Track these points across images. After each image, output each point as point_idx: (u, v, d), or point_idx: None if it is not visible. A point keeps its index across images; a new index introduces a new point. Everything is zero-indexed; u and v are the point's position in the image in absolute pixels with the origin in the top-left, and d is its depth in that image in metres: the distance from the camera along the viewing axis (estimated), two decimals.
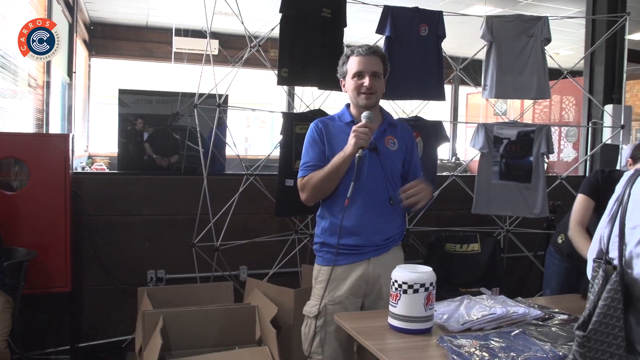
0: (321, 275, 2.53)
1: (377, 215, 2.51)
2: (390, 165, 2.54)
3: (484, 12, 8.02)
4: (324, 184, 2.45)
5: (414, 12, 4.11)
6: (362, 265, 2.51)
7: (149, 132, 4.30)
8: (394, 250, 2.61)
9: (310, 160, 2.51)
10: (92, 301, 3.85)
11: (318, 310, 2.49)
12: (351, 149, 2.35)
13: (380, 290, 2.56)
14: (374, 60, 2.51)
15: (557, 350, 1.97)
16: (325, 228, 2.55)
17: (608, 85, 4.97)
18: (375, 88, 2.51)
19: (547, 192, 4.24)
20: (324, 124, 2.58)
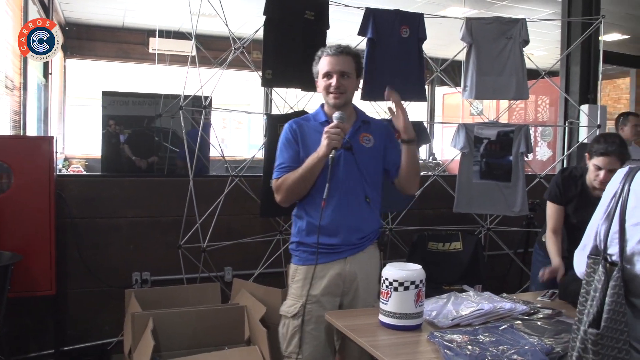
0: (298, 274, 2.55)
1: (353, 214, 2.52)
2: (366, 163, 2.55)
3: (461, 13, 8.15)
4: (299, 185, 2.46)
5: (395, 14, 4.16)
6: (339, 263, 2.52)
7: (128, 133, 4.29)
8: (370, 249, 2.62)
9: (284, 162, 2.51)
10: (77, 304, 3.82)
11: (297, 310, 2.49)
12: (324, 150, 2.36)
13: (357, 289, 2.57)
14: (343, 60, 2.52)
15: (544, 343, 2.03)
16: (302, 228, 2.55)
17: (584, 86, 5.09)
18: (344, 87, 2.51)
19: (526, 191, 4.33)
20: (298, 124, 2.58)
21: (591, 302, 1.40)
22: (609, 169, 2.90)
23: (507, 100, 4.81)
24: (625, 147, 2.96)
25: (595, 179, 2.98)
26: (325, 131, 2.37)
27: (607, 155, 2.88)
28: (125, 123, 4.30)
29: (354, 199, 2.52)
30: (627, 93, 11.00)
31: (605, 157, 2.89)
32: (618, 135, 3.00)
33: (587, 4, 5.07)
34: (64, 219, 3.71)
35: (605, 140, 2.90)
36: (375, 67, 4.09)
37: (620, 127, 5.09)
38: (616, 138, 2.93)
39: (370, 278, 2.63)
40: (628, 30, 9.41)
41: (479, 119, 4.72)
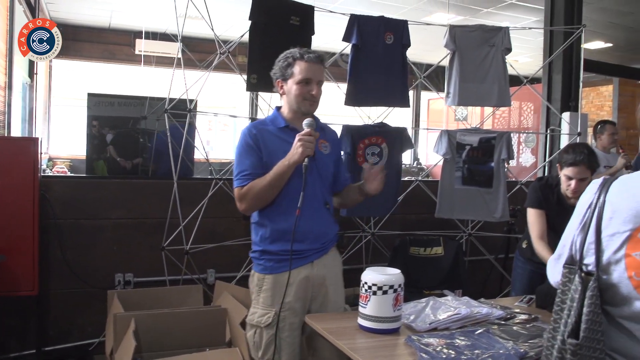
0: (266, 283, 2.49)
1: (316, 219, 2.51)
2: (325, 170, 2.57)
3: (446, 19, 8.21)
4: (267, 192, 2.41)
5: (380, 21, 4.21)
6: (306, 268, 2.52)
7: (113, 134, 4.30)
8: (332, 251, 2.64)
9: (247, 169, 2.44)
10: (59, 305, 3.83)
11: (271, 319, 2.46)
12: (297, 158, 2.33)
13: (327, 293, 2.58)
14: (321, 69, 2.52)
15: (518, 347, 2.08)
16: (265, 236, 2.50)
17: (565, 93, 5.17)
18: (319, 96, 2.51)
19: (507, 197, 4.39)
20: (257, 129, 2.51)
21: (568, 312, 1.41)
22: (580, 178, 2.97)
23: (489, 107, 4.88)
24: (594, 155, 3.01)
25: (568, 188, 3.04)
26: (299, 138, 2.34)
27: (577, 165, 2.94)
28: (111, 124, 4.32)
29: (317, 204, 2.52)
30: (610, 100, 11.15)
31: (574, 167, 2.95)
32: (586, 145, 3.06)
33: (569, 13, 5.15)
34: (48, 220, 3.72)
35: (574, 150, 2.97)
36: (360, 73, 4.13)
37: (597, 135, 5.17)
38: (584, 148, 3.00)
39: (337, 281, 2.66)
40: (611, 38, 9.56)
41: (464, 125, 4.78)
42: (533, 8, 7.90)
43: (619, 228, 1.38)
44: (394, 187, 4.30)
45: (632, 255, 1.35)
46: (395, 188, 4.33)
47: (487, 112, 8.11)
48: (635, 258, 1.35)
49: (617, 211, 1.39)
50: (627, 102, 10.89)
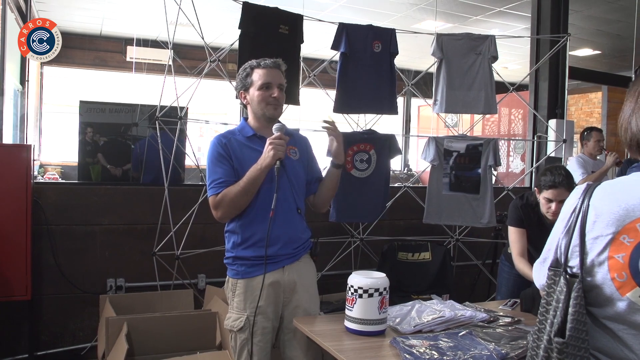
0: (239, 288, 2.52)
1: (287, 224, 2.54)
2: (295, 175, 2.59)
3: (434, 27, 8.30)
4: (241, 198, 2.44)
5: (368, 29, 4.28)
6: (277, 273, 2.53)
7: (102, 142, 4.35)
8: (305, 258, 2.65)
9: (220, 177, 2.47)
10: (51, 309, 3.86)
11: (242, 323, 2.49)
12: (269, 161, 2.38)
13: (299, 300, 2.58)
14: (279, 74, 2.58)
15: (500, 349, 2.14)
16: (236, 242, 2.53)
17: (552, 101, 5.25)
18: (281, 99, 2.57)
19: (494, 203, 4.46)
20: (226, 138, 2.55)
21: (554, 313, 1.45)
22: (559, 200, 3.00)
23: (476, 114, 4.96)
24: (572, 177, 3.04)
25: (548, 211, 3.07)
26: (269, 142, 2.39)
27: (556, 188, 2.97)
28: (102, 131, 4.37)
29: (287, 209, 2.54)
30: (600, 107, 11.28)
31: (554, 189, 2.98)
32: (563, 167, 3.09)
33: (555, 22, 5.24)
34: (40, 226, 3.76)
35: (552, 173, 2.98)
36: (348, 81, 4.20)
37: (584, 142, 5.25)
38: (562, 170, 3.01)
39: (309, 287, 2.66)
40: (599, 45, 9.69)
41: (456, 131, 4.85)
42: (521, 16, 8.00)
43: (602, 231, 1.42)
44: (382, 193, 4.37)
45: (615, 257, 1.40)
46: (384, 194, 4.39)
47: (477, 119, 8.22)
48: (618, 260, 1.39)
49: (600, 215, 1.44)
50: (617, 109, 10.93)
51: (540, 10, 5.35)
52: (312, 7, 4.67)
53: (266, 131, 2.54)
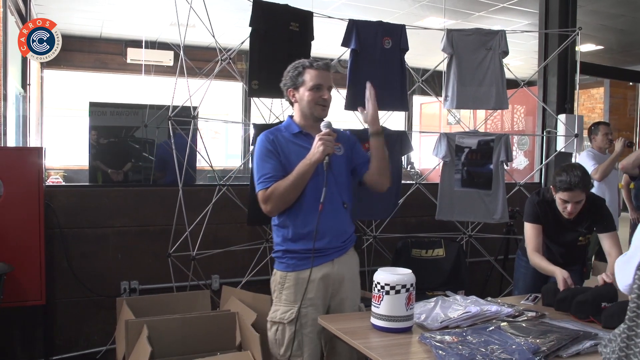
0: (288, 281, 2.60)
1: (335, 218, 2.63)
2: (339, 171, 2.67)
3: (439, 23, 8.30)
4: (290, 192, 2.53)
5: (378, 25, 4.26)
6: (327, 266, 2.62)
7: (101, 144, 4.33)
8: (351, 251, 2.76)
9: (269, 172, 2.55)
10: (65, 314, 3.82)
11: (293, 315, 2.55)
12: (319, 156, 2.47)
13: (345, 291, 2.68)
14: (329, 76, 2.67)
15: (530, 343, 2.12)
16: (287, 236, 2.62)
17: (561, 96, 5.23)
18: (330, 101, 2.67)
19: (506, 198, 4.44)
20: (274, 135, 2.65)
21: None
22: (575, 201, 2.99)
23: (487, 110, 4.94)
24: (588, 176, 3.00)
25: (564, 210, 3.06)
26: (319, 138, 2.48)
27: (571, 190, 2.95)
28: (107, 134, 4.35)
29: (334, 204, 2.62)
30: (601, 103, 11.28)
31: (569, 192, 2.96)
32: (579, 166, 3.03)
33: (563, 17, 5.21)
34: (53, 229, 3.72)
35: (567, 174, 2.95)
36: (359, 78, 4.17)
37: (592, 136, 5.24)
38: (577, 170, 2.96)
39: (355, 279, 2.77)
40: (602, 41, 9.68)
41: (456, 128, 4.83)
42: (525, 11, 8.00)
43: None
44: (394, 190, 4.34)
45: None
46: (396, 191, 4.37)
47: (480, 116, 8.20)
48: None
49: None
50: (618, 104, 11.03)
51: (548, 5, 5.33)
52: (316, 5, 4.63)
53: (312, 129, 2.65)
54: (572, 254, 3.31)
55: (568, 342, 2.13)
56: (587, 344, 2.14)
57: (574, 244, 3.25)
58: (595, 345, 2.13)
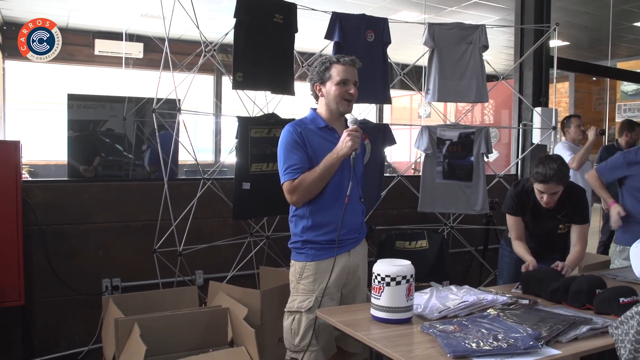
0: (307, 270, 2.66)
1: (354, 211, 2.72)
2: (359, 166, 2.73)
3: (411, 18, 8.34)
4: (317, 184, 2.58)
5: (361, 19, 4.25)
6: (344, 257, 2.70)
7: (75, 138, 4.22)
8: (363, 242, 2.88)
9: (296, 163, 2.60)
10: (45, 314, 3.71)
11: (312, 304, 2.62)
12: (346, 151, 2.52)
13: (359, 279, 2.80)
14: (355, 71, 2.73)
15: (531, 329, 2.14)
16: (307, 227, 2.66)
17: (536, 90, 5.31)
18: (356, 96, 2.72)
19: (487, 190, 4.48)
20: (301, 127, 2.68)
21: None
22: (551, 192, 3.04)
23: (467, 103, 4.98)
24: (566, 168, 3.04)
25: (541, 200, 3.12)
26: (348, 133, 2.54)
27: (546, 183, 3.00)
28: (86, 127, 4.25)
29: (353, 197, 2.67)
30: (567, 97, 11.50)
31: (544, 184, 3.01)
32: (557, 158, 3.06)
33: (538, 12, 5.30)
34: (31, 226, 3.61)
35: (544, 166, 2.99)
36: None
37: (565, 129, 5.34)
38: (554, 162, 2.99)
39: (365, 269, 2.88)
40: (568, 37, 9.86)
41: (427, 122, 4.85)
42: (496, 7, 8.09)
43: None
44: (377, 183, 4.35)
45: None
46: (379, 184, 4.37)
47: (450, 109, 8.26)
48: None
49: None
50: (583, 99, 11.26)
51: (524, 0, 5.40)
52: None
53: (337, 124, 2.72)
54: (553, 242, 3.36)
55: (566, 327, 2.16)
56: (583, 329, 2.18)
57: (554, 232, 3.30)
58: (591, 330, 2.18)
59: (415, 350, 2.00)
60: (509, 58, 10.43)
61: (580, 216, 3.26)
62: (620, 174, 3.84)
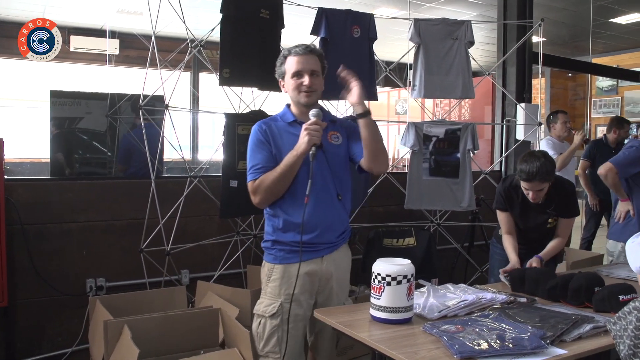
0: (275, 273, 2.53)
1: (328, 211, 2.54)
2: (336, 161, 2.57)
3: (389, 14, 8.33)
4: (278, 184, 2.44)
5: (347, 14, 4.21)
6: (316, 262, 2.54)
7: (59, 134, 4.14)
8: (344, 248, 2.69)
9: (259, 163, 2.49)
10: (27, 315, 3.61)
11: (275, 309, 2.49)
12: (304, 147, 2.36)
13: (332, 289, 2.60)
14: (312, 59, 2.55)
15: (535, 328, 2.12)
16: (277, 226, 2.53)
17: (519, 86, 5.33)
18: (315, 86, 2.55)
19: (473, 186, 4.49)
20: (267, 125, 2.57)
21: None
22: (535, 190, 3.05)
23: (454, 99, 4.98)
24: (550, 165, 3.01)
25: (527, 195, 3.13)
26: (304, 128, 2.38)
27: (529, 181, 3.00)
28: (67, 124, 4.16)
29: (328, 196, 2.54)
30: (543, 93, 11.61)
31: (527, 182, 3.02)
32: (542, 155, 3.03)
33: (521, 9, 5.32)
34: (13, 226, 3.50)
35: (528, 164, 2.97)
36: (329, 67, 4.10)
37: (551, 125, 5.36)
38: (537, 160, 2.96)
39: (344, 277, 2.69)
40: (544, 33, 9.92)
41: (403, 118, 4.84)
42: (474, 3, 8.12)
43: None
44: (363, 180, 4.33)
45: None
46: (365, 181, 4.35)
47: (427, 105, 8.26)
48: None
49: None
50: (559, 94, 11.39)
51: None
52: None
53: (306, 117, 2.49)
54: (544, 237, 3.37)
55: (569, 326, 2.16)
56: (587, 327, 2.17)
57: (543, 226, 3.31)
58: (594, 329, 2.17)
59: (420, 351, 1.98)
60: (485, 54, 10.51)
61: (569, 210, 3.28)
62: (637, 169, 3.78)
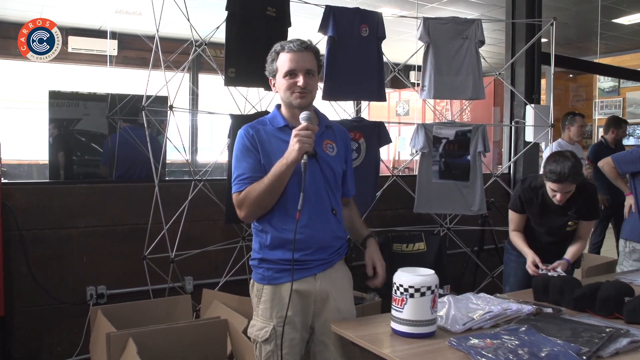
0: (264, 295, 2.28)
1: (321, 227, 2.27)
2: (331, 172, 2.32)
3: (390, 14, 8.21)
4: (266, 197, 2.17)
5: (355, 12, 4.10)
6: (308, 282, 2.27)
7: None
8: (339, 265, 2.41)
9: (244, 172, 2.21)
10: (25, 324, 3.48)
11: (268, 334, 2.25)
12: (295, 155, 2.09)
13: (331, 310, 2.32)
14: (307, 57, 2.26)
15: (567, 342, 2.00)
16: (265, 243, 2.27)
17: (528, 86, 5.22)
18: (310, 87, 2.26)
19: (484, 190, 4.37)
20: (254, 129, 2.27)
21: None
22: (564, 191, 2.94)
23: (464, 100, 4.86)
24: (580, 165, 2.93)
25: (553, 197, 3.01)
26: (294, 134, 2.10)
27: (560, 182, 2.90)
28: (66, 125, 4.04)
29: (322, 210, 2.29)
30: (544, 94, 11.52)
31: (558, 184, 2.91)
32: (572, 155, 2.93)
33: (530, 8, 5.21)
34: (10, 231, 3.37)
35: (558, 164, 2.87)
36: (337, 66, 4.00)
37: (567, 126, 5.25)
38: (568, 160, 2.87)
39: (344, 297, 2.41)
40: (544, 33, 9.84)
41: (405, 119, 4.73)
42: (476, 3, 8.00)
43: None
44: (372, 183, 4.21)
45: None
46: (374, 184, 4.23)
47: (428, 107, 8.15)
48: None
49: None
50: (560, 96, 11.29)
51: None
52: None
53: (299, 121, 2.17)
54: (562, 240, 3.26)
55: (605, 340, 2.04)
56: (624, 342, 2.05)
57: (563, 229, 3.21)
58: (632, 343, 2.05)
59: None
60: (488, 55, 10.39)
61: (590, 212, 3.19)
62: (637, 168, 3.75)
